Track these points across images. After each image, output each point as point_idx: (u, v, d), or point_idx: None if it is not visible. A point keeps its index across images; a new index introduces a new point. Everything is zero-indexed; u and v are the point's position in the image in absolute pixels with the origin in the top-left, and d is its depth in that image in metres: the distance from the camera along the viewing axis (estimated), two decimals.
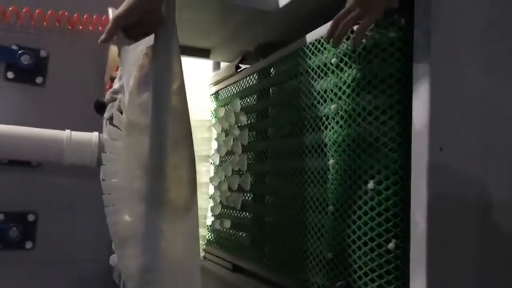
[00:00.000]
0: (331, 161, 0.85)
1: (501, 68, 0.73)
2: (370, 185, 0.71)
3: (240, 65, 1.41)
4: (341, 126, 0.83)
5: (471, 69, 0.70)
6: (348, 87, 0.81)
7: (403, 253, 0.69)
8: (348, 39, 0.80)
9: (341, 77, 0.83)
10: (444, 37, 0.68)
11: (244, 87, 1.31)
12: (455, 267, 0.67)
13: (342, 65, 0.83)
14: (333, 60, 0.85)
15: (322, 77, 0.90)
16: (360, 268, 0.75)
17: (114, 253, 1.54)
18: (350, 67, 0.81)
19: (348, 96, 0.81)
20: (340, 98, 0.83)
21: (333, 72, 0.86)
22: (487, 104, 0.71)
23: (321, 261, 0.87)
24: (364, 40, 0.76)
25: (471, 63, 0.70)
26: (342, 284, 0.78)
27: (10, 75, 1.87)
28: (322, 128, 0.89)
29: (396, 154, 0.71)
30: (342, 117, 0.83)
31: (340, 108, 0.83)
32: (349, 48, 0.81)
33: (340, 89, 0.83)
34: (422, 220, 0.65)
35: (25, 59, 1.87)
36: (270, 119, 1.17)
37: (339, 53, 0.83)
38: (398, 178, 0.70)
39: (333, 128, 0.85)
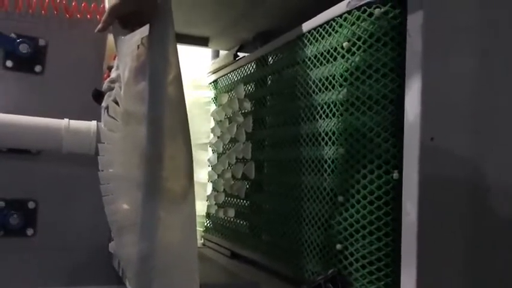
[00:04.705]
0: (340, 150, 0.76)
1: (495, 59, 0.68)
2: (395, 175, 0.63)
3: (238, 53, 1.33)
4: (351, 114, 0.74)
5: (464, 60, 0.65)
6: (363, 73, 0.71)
7: None
8: (363, 21, 0.71)
9: (352, 62, 0.74)
10: (437, 27, 0.63)
11: (245, 74, 1.21)
12: (446, 257, 0.63)
13: (354, 49, 0.74)
14: (344, 44, 0.75)
15: (332, 62, 0.80)
16: (379, 260, 0.66)
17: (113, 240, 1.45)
18: (364, 51, 0.71)
19: (363, 82, 0.71)
20: (351, 83, 0.74)
21: (343, 56, 0.77)
22: (480, 94, 0.66)
23: (328, 252, 0.78)
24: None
25: (464, 54, 0.65)
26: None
27: (9, 63, 1.76)
28: (330, 115, 0.80)
29: None
30: (352, 104, 0.73)
31: (351, 94, 0.73)
32: (363, 31, 0.71)
33: (351, 74, 0.74)
34: (413, 210, 0.62)
35: (24, 48, 1.75)
36: (269, 107, 1.07)
37: (353, 36, 0.73)
38: None
39: (341, 115, 0.76)
